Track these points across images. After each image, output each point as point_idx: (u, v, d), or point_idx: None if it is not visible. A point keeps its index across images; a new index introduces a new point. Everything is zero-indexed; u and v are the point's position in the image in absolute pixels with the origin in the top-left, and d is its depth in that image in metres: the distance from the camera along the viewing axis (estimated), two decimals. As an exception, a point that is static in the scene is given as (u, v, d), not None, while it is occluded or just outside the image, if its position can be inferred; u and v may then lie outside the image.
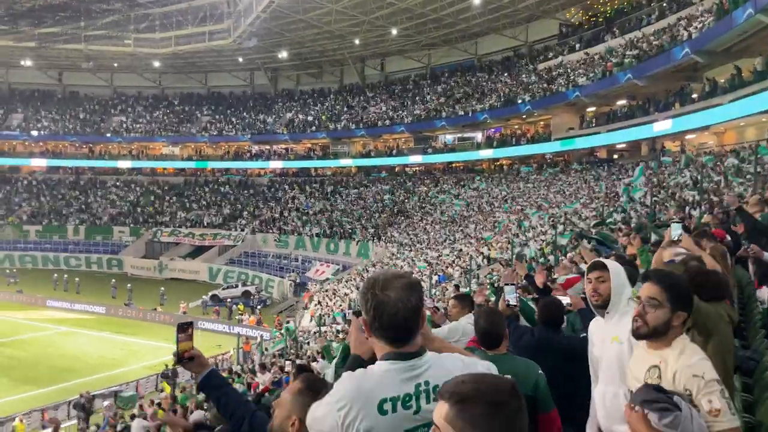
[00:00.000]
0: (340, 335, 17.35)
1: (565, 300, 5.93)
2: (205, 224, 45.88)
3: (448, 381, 1.26)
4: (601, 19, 36.60)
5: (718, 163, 20.98)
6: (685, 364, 2.06)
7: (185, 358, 2.36)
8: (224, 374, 8.50)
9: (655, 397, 1.86)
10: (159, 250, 45.34)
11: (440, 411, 1.21)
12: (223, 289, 36.79)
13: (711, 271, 3.60)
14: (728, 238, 5.60)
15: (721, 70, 23.62)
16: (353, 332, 1.98)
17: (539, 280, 5.52)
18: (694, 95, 25.07)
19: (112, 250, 45.21)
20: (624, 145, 32.15)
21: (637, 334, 2.25)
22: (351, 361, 1.93)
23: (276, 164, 49.60)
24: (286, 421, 1.93)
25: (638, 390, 2.00)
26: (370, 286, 1.68)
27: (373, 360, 1.82)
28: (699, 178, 18.07)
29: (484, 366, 1.78)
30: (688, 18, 26.22)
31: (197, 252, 44.52)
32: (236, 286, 37.05)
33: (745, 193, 14.40)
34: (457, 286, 16.18)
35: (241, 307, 33.49)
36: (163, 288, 35.07)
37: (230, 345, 26.08)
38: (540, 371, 2.84)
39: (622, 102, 31.03)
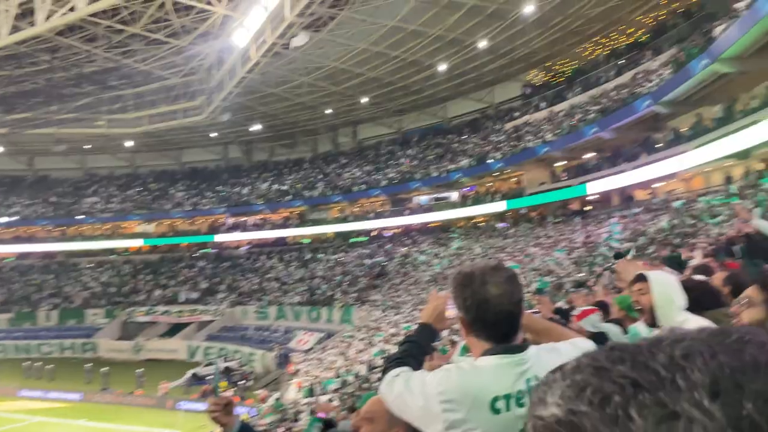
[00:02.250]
0: (334, 403, 16.86)
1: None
2: (182, 301, 44.93)
3: None
4: (561, 79, 38.26)
5: (690, 206, 21.61)
6: None
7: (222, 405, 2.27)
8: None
9: None
10: (135, 331, 44.01)
11: None
12: (204, 366, 35.63)
13: (702, 281, 3.67)
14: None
15: (683, 119, 24.69)
16: (434, 304, 1.89)
17: (546, 309, 5.54)
18: (659, 144, 26.08)
19: (86, 334, 43.72)
20: (595, 197, 32.94)
21: None
22: (422, 330, 1.85)
23: (253, 235, 49.42)
24: None
25: None
26: (467, 282, 1.58)
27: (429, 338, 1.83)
28: (676, 222, 18.53)
29: (586, 345, 1.74)
30: (645, 72, 27.57)
31: (175, 330, 43.33)
32: (216, 363, 35.96)
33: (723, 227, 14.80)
34: (453, 342, 15.95)
35: (223, 383, 32.38)
36: (141, 369, 33.85)
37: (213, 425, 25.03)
38: None
39: (590, 155, 32.01)
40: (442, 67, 36.59)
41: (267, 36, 31.55)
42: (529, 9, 29.61)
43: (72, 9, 28.90)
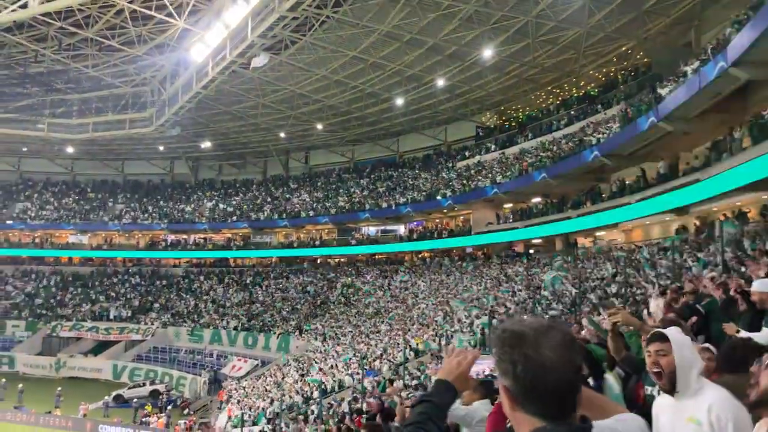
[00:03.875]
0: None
1: None
2: (112, 317, 42.85)
3: None
4: (513, 124, 39.27)
5: (631, 256, 22.23)
6: None
7: None
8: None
9: None
10: (57, 347, 41.57)
11: None
12: (129, 388, 33.98)
13: (746, 340, 3.57)
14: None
15: (628, 172, 25.59)
16: (458, 360, 1.67)
17: None
18: (604, 195, 26.89)
19: (3, 347, 40.98)
20: (540, 240, 33.61)
21: (749, 405, 2.10)
22: (441, 388, 1.62)
23: (193, 254, 47.95)
24: None
25: None
26: (517, 343, 1.28)
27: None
28: (617, 270, 18.99)
29: (639, 423, 1.47)
30: (594, 124, 28.58)
31: (101, 348, 41.20)
32: (143, 385, 34.35)
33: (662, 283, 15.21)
34: (391, 381, 15.65)
35: (149, 407, 30.85)
36: (60, 388, 31.77)
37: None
38: None
39: (537, 199, 32.74)
40: (399, 102, 37.02)
41: (226, 54, 31.17)
42: (487, 54, 30.49)
43: (24, 6, 27.74)
